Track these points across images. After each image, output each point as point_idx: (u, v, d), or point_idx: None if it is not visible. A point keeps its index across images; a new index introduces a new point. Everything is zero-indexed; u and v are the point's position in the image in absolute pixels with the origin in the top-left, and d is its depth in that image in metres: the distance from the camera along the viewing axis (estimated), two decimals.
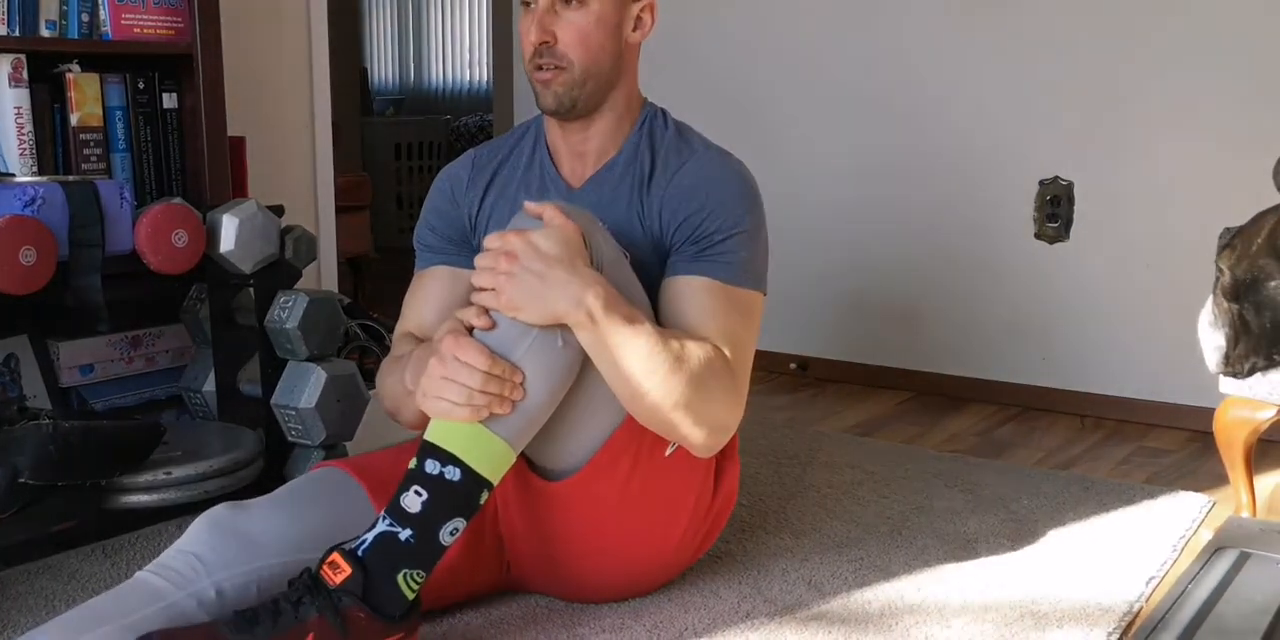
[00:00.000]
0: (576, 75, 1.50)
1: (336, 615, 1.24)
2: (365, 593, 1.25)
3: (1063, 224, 2.64)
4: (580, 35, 1.49)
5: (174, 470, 1.77)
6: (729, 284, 1.46)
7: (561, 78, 1.50)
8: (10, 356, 1.95)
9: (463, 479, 1.29)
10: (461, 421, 1.29)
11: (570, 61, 1.49)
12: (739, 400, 1.45)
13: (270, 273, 1.95)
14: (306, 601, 1.25)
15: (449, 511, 1.29)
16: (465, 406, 1.28)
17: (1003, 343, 2.75)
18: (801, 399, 2.81)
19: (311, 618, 1.24)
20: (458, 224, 1.62)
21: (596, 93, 1.52)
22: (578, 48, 1.49)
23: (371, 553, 1.27)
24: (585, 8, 1.48)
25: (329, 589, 1.25)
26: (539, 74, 1.51)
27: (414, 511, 1.28)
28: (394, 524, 1.28)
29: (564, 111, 1.52)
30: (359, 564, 1.26)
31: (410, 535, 1.27)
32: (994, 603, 1.60)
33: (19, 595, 1.59)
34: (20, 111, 1.77)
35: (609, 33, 1.50)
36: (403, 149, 5.61)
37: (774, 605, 1.58)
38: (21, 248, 1.59)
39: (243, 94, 2.23)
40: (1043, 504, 2.00)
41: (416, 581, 1.29)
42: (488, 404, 1.28)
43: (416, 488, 1.28)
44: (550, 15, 1.48)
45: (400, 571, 1.28)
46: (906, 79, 2.80)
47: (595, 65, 1.51)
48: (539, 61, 1.50)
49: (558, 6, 1.48)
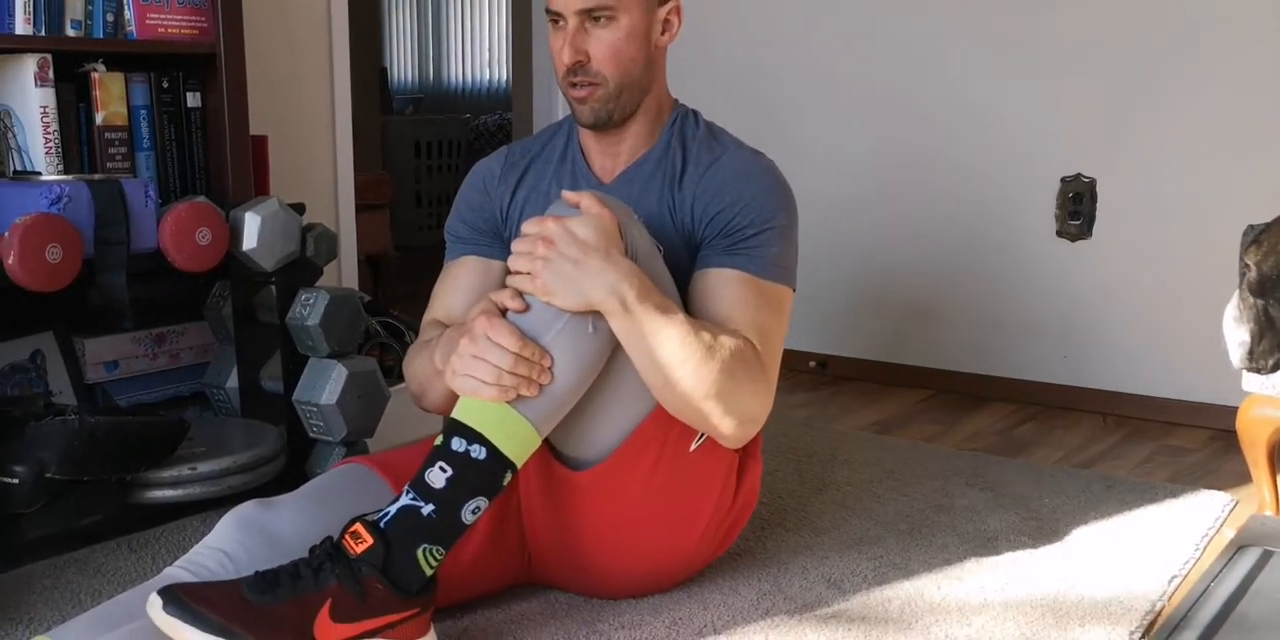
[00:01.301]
0: (611, 89, 1.51)
1: (356, 584, 1.25)
2: (385, 564, 1.27)
3: (1085, 221, 2.63)
4: (612, 52, 1.50)
5: (198, 466, 1.79)
6: (759, 277, 1.47)
7: (597, 93, 1.51)
8: (36, 353, 1.97)
9: (487, 458, 1.30)
10: (488, 401, 1.30)
11: (604, 77, 1.51)
12: (768, 391, 1.46)
13: (292, 270, 1.96)
14: (326, 568, 1.26)
15: (472, 489, 1.30)
16: (493, 386, 1.29)
17: (1024, 341, 2.74)
18: (821, 397, 2.81)
19: (330, 585, 1.25)
20: (489, 216, 1.63)
21: (631, 102, 1.54)
22: (610, 63, 1.50)
23: (394, 525, 1.28)
24: (615, 23, 1.49)
25: (349, 558, 1.26)
26: (574, 91, 1.52)
27: (438, 487, 1.29)
28: (417, 498, 1.29)
29: (601, 124, 1.54)
30: (380, 535, 1.27)
31: (433, 510, 1.29)
32: (1015, 601, 1.59)
33: (46, 589, 1.61)
34: (46, 111, 1.78)
35: (639, 44, 1.52)
36: (422, 148, 5.63)
37: (794, 603, 1.58)
38: (48, 245, 1.60)
39: (265, 93, 2.24)
40: (1064, 503, 1.99)
41: (436, 558, 1.30)
42: (515, 385, 1.29)
43: (441, 464, 1.30)
44: (581, 34, 1.49)
45: (420, 546, 1.28)
46: (927, 77, 2.79)
47: (628, 77, 1.52)
48: (573, 79, 1.51)
49: (587, 25, 1.49)
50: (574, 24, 1.49)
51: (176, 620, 1.19)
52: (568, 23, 1.49)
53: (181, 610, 1.19)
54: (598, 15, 1.48)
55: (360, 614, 1.26)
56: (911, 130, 2.83)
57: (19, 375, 1.94)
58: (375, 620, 1.27)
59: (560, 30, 1.51)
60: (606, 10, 1.48)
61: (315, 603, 1.24)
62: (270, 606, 1.22)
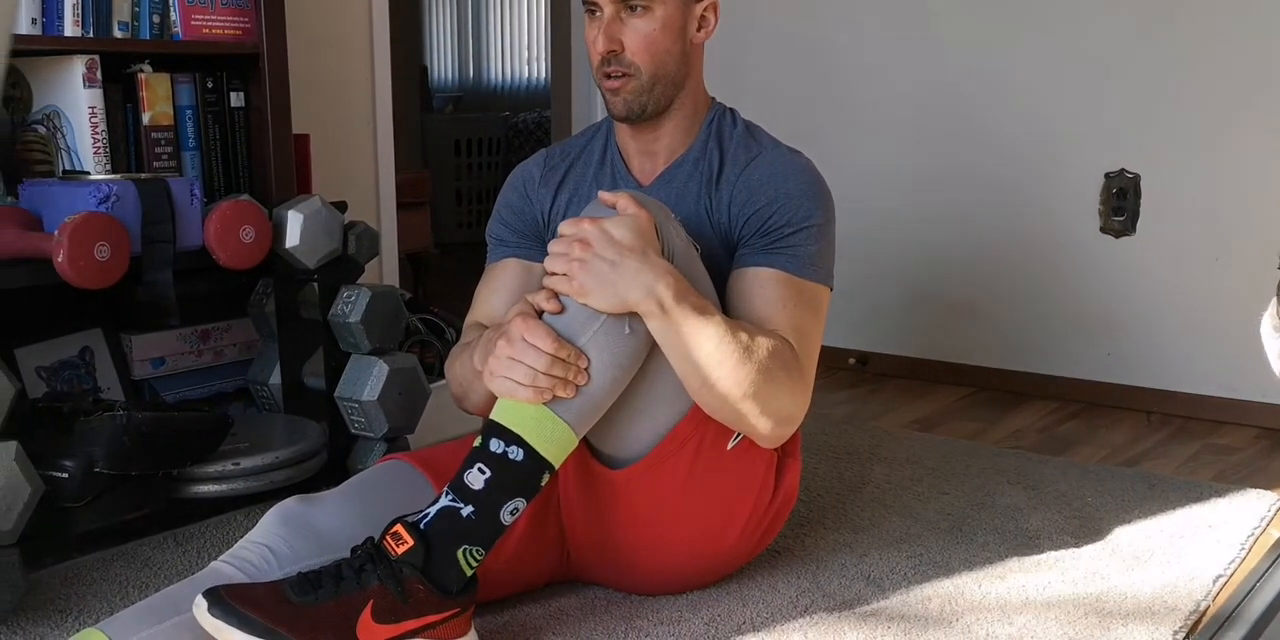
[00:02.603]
0: (644, 81, 1.52)
1: (397, 584, 1.27)
2: (425, 565, 1.28)
3: (1129, 217, 2.60)
4: (647, 42, 1.50)
5: (241, 461, 1.81)
6: (797, 276, 1.47)
7: (630, 84, 1.51)
8: (85, 350, 2.00)
9: (525, 459, 1.31)
10: (525, 402, 1.31)
11: (638, 68, 1.51)
12: (805, 391, 1.45)
13: (334, 268, 1.98)
14: (368, 569, 1.27)
15: (511, 491, 1.31)
16: (529, 387, 1.30)
17: (1067, 338, 2.71)
18: (861, 394, 2.79)
19: (372, 585, 1.26)
20: (529, 219, 1.64)
21: (665, 96, 1.54)
22: (644, 54, 1.50)
23: (434, 526, 1.29)
24: (650, 14, 1.49)
25: (391, 559, 1.28)
26: (608, 82, 1.52)
27: (476, 488, 1.30)
28: (456, 500, 1.30)
29: (634, 117, 1.54)
30: (421, 536, 1.28)
31: (472, 511, 1.30)
32: (1057, 599, 1.58)
33: (94, 582, 1.64)
34: (94, 111, 1.81)
35: (674, 36, 1.52)
36: (462, 145, 5.65)
37: (832, 600, 1.58)
38: (96, 244, 1.63)
39: (307, 92, 2.26)
40: (1107, 501, 1.97)
41: (476, 558, 1.31)
42: (551, 386, 1.30)
43: (480, 465, 1.31)
44: (616, 24, 1.49)
45: (460, 547, 1.29)
46: (970, 70, 2.77)
47: (662, 69, 1.52)
48: (607, 70, 1.52)
49: (623, 14, 1.49)
50: (610, 13, 1.49)
51: (221, 622, 1.21)
52: (604, 12, 1.50)
53: (226, 612, 1.21)
54: (634, 5, 1.48)
55: (402, 614, 1.27)
56: (953, 125, 2.81)
57: (68, 372, 1.98)
58: (417, 620, 1.28)
59: (596, 20, 1.51)
60: (648, 2, 1.48)
61: (357, 603, 1.26)
62: (313, 607, 1.24)
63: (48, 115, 1.84)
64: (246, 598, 1.23)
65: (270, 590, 1.25)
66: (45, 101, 1.84)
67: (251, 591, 1.24)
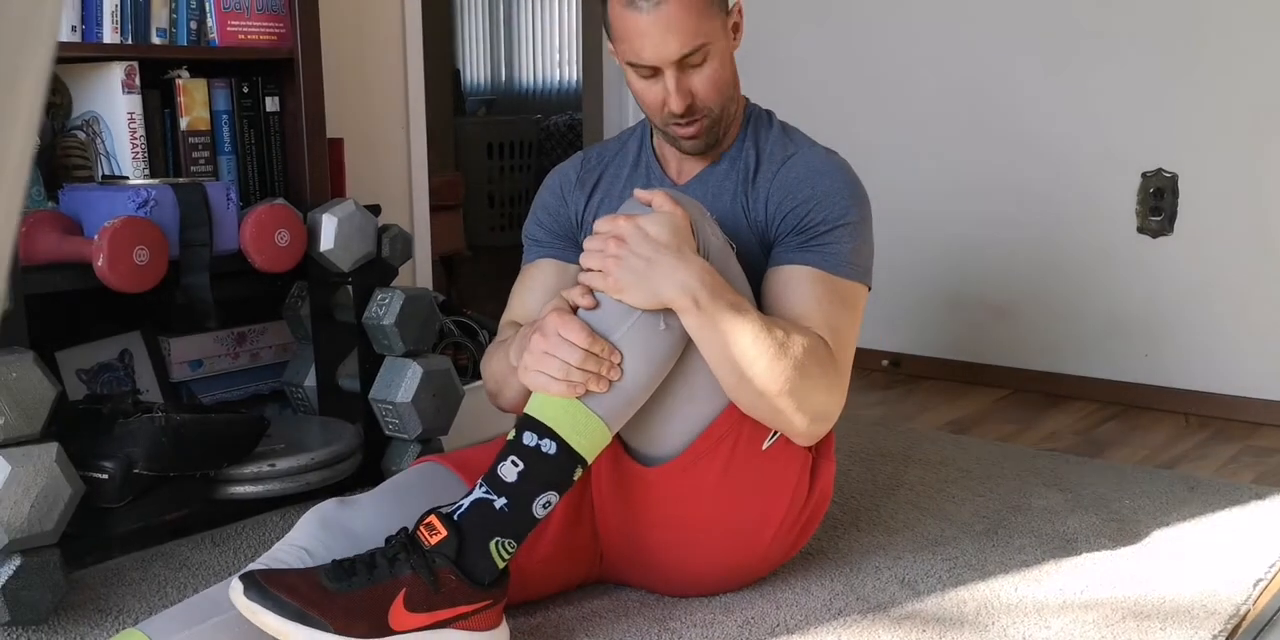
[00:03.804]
0: (716, 116, 1.52)
1: (430, 574, 1.27)
2: (458, 556, 1.29)
3: (1166, 217, 2.57)
4: (715, 84, 1.50)
5: (277, 462, 1.83)
6: (833, 274, 1.47)
7: (705, 124, 1.51)
8: (125, 352, 2.03)
9: (558, 453, 1.31)
10: (558, 396, 1.31)
11: (710, 109, 1.51)
12: (841, 388, 1.45)
13: (368, 271, 1.99)
14: (402, 558, 1.28)
15: (543, 484, 1.31)
16: (562, 382, 1.30)
17: (1103, 339, 2.68)
18: (895, 396, 2.78)
19: (405, 574, 1.27)
20: (565, 221, 1.65)
21: (729, 118, 1.55)
22: (715, 95, 1.50)
23: (467, 517, 1.30)
24: (709, 57, 1.47)
25: (424, 549, 1.29)
26: (682, 129, 1.51)
27: (510, 481, 1.31)
28: (490, 491, 1.31)
29: (709, 148, 1.55)
30: (454, 527, 1.29)
31: (505, 504, 1.30)
32: (1094, 603, 1.56)
33: (134, 582, 1.66)
34: (133, 117, 1.83)
35: (730, 63, 1.52)
36: (494, 148, 5.68)
37: (866, 603, 1.57)
38: (135, 248, 1.65)
39: (341, 97, 2.28)
40: (1145, 504, 1.95)
41: (508, 551, 1.31)
42: (584, 381, 1.30)
43: (514, 458, 1.31)
44: (683, 79, 1.47)
45: (493, 538, 1.30)
46: (1005, 68, 2.75)
47: (728, 98, 1.53)
48: (681, 119, 1.50)
49: (687, 69, 1.47)
50: (674, 74, 1.46)
51: (257, 604, 1.22)
52: (665, 72, 1.47)
53: (262, 595, 1.22)
54: (693, 62, 1.47)
55: (434, 604, 1.28)
56: (988, 124, 2.79)
57: (108, 374, 2.00)
58: (448, 610, 1.29)
59: (656, 80, 1.48)
60: (701, 49, 1.46)
61: (391, 591, 1.27)
62: (347, 593, 1.25)
63: (87, 121, 1.86)
64: (282, 582, 1.24)
65: (305, 576, 1.27)
66: (85, 107, 1.86)
67: (287, 577, 1.26)
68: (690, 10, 1.43)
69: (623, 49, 1.48)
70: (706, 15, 1.45)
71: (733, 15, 1.52)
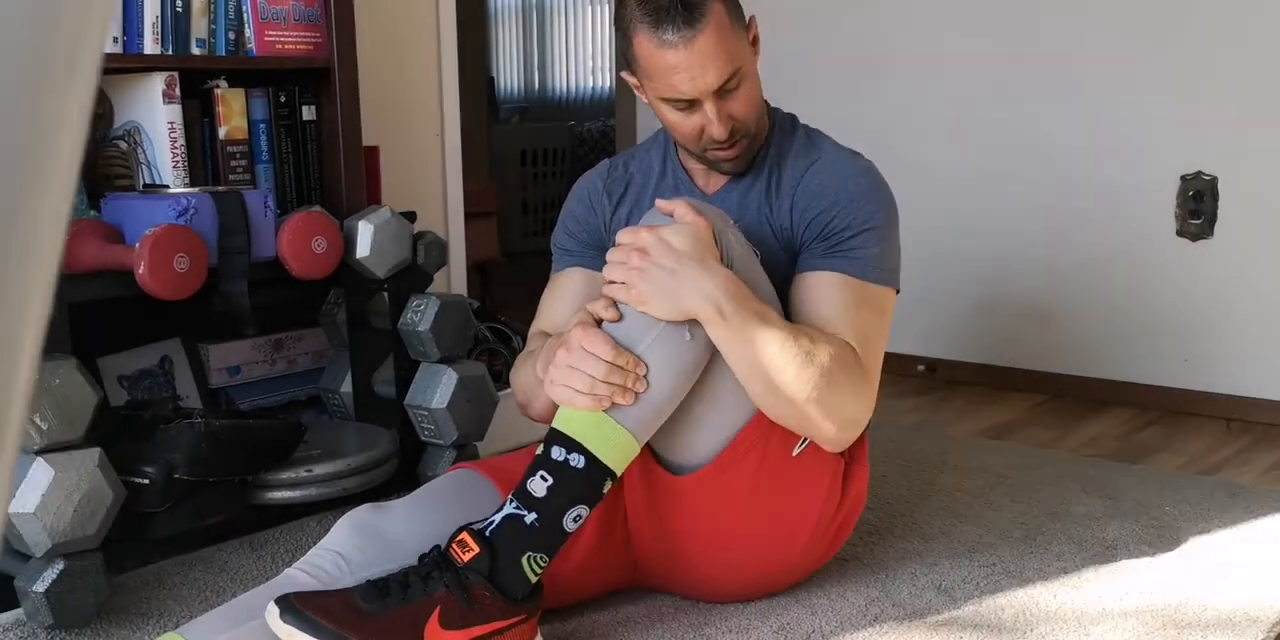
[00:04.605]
0: (754, 134, 1.52)
1: (464, 591, 1.28)
2: (491, 572, 1.29)
3: (1206, 220, 2.54)
4: (750, 105, 1.49)
5: (314, 468, 1.84)
6: (860, 279, 1.46)
7: (744, 145, 1.51)
8: (165, 359, 2.05)
9: (587, 467, 1.31)
10: (584, 409, 1.31)
11: (747, 128, 1.50)
12: (870, 393, 1.44)
13: (403, 277, 2.00)
14: (435, 576, 1.29)
15: (573, 498, 1.32)
16: (587, 395, 1.30)
17: (1143, 343, 2.65)
18: (930, 401, 2.76)
19: (439, 592, 1.28)
20: (593, 229, 1.65)
21: (762, 132, 1.55)
22: (751, 114, 1.50)
23: (498, 534, 1.31)
24: (743, 80, 1.46)
25: (457, 566, 1.29)
26: (722, 153, 1.51)
27: (539, 496, 1.31)
28: (520, 507, 1.31)
29: (749, 167, 1.55)
30: (486, 544, 1.30)
31: (535, 519, 1.31)
32: (1134, 610, 1.55)
33: (174, 585, 1.68)
34: (173, 126, 1.85)
35: (758, 80, 1.52)
36: (528, 155, 5.70)
37: (903, 610, 1.56)
38: (176, 255, 1.66)
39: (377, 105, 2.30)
40: (1186, 510, 1.93)
41: (540, 565, 1.32)
42: (610, 394, 1.30)
43: (543, 473, 1.32)
44: (723, 106, 1.46)
45: (525, 554, 1.31)
46: (1041, 70, 2.73)
47: (761, 114, 1.53)
48: (722, 144, 1.49)
49: (724, 95, 1.46)
50: (712, 100, 1.45)
51: (293, 627, 1.23)
52: (703, 102, 1.45)
53: (298, 618, 1.23)
54: (729, 88, 1.45)
55: (469, 620, 1.28)
56: (1023, 126, 2.77)
57: (148, 380, 2.03)
58: (483, 626, 1.29)
59: (692, 111, 1.47)
60: (736, 74, 1.45)
61: (425, 610, 1.27)
62: (382, 614, 1.26)
63: (129, 131, 1.89)
64: (317, 604, 1.25)
65: (340, 598, 1.27)
66: (126, 117, 1.89)
67: (322, 599, 1.26)
68: (722, 38, 1.42)
69: (655, 85, 1.46)
70: (735, 39, 1.44)
71: (751, 30, 1.51)
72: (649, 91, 1.49)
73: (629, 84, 1.55)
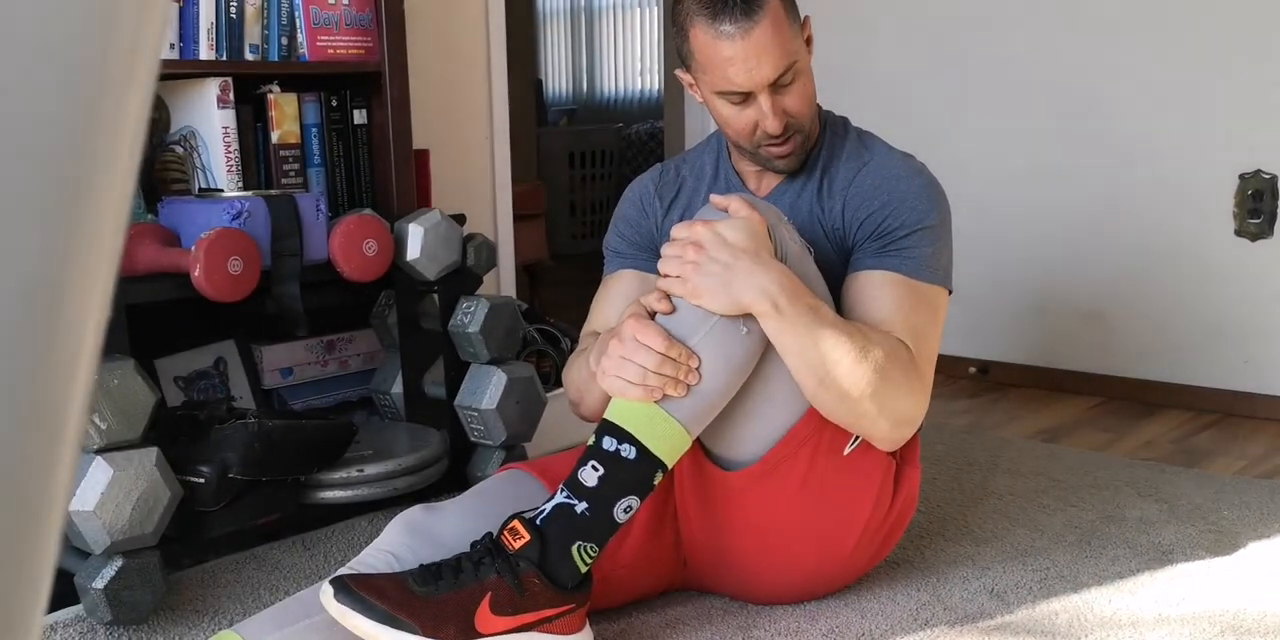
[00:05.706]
0: (808, 131, 1.52)
1: (514, 578, 1.29)
2: (541, 560, 1.30)
3: (1265, 219, 2.49)
4: (805, 100, 1.50)
5: (365, 468, 1.86)
6: (913, 278, 1.46)
7: (797, 141, 1.51)
8: (219, 360, 2.08)
9: (638, 457, 1.32)
10: (636, 400, 1.32)
11: (801, 125, 1.51)
12: (924, 393, 1.44)
13: (453, 279, 2.02)
14: (486, 563, 1.30)
15: (624, 488, 1.32)
16: (639, 386, 1.31)
17: (1201, 345, 2.61)
18: (983, 404, 2.73)
19: (490, 578, 1.29)
20: (645, 232, 1.66)
21: (815, 130, 1.55)
22: (805, 110, 1.51)
23: (549, 522, 1.32)
24: (798, 75, 1.47)
25: (508, 553, 1.30)
26: (776, 149, 1.51)
27: (590, 486, 1.32)
28: (571, 496, 1.32)
29: (801, 166, 1.55)
30: (537, 532, 1.31)
31: (586, 508, 1.31)
32: (1191, 615, 1.52)
33: (228, 583, 1.70)
34: (227, 131, 1.88)
35: (813, 77, 1.52)
36: (576, 157, 5.72)
37: (954, 614, 1.55)
38: (230, 258, 1.69)
39: (427, 108, 2.32)
40: (1245, 515, 1.89)
41: (590, 555, 1.32)
42: (661, 385, 1.31)
43: (594, 462, 1.32)
44: (778, 102, 1.47)
45: (575, 543, 1.31)
46: (1097, 67, 2.69)
47: (815, 114, 1.54)
48: (776, 140, 1.49)
49: (779, 89, 1.47)
50: (767, 94, 1.46)
51: (347, 608, 1.25)
52: (758, 96, 1.46)
53: (351, 599, 1.25)
54: (784, 82, 1.46)
55: (519, 607, 1.29)
56: (1079, 124, 2.73)
57: (204, 381, 2.06)
58: (533, 614, 1.30)
59: (747, 106, 1.47)
60: (791, 68, 1.45)
61: (477, 595, 1.28)
62: (434, 598, 1.27)
63: (184, 136, 1.92)
64: (371, 585, 1.26)
65: (393, 580, 1.29)
66: (182, 122, 1.92)
67: (376, 580, 1.28)
68: (779, 31, 1.43)
69: (711, 78, 1.47)
70: (790, 33, 1.45)
71: (806, 29, 1.52)
72: (704, 86, 1.50)
73: (683, 82, 1.55)
